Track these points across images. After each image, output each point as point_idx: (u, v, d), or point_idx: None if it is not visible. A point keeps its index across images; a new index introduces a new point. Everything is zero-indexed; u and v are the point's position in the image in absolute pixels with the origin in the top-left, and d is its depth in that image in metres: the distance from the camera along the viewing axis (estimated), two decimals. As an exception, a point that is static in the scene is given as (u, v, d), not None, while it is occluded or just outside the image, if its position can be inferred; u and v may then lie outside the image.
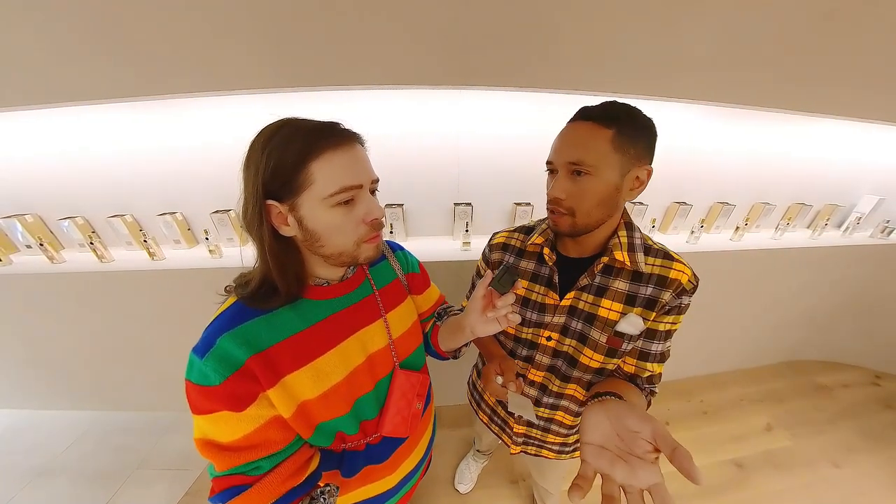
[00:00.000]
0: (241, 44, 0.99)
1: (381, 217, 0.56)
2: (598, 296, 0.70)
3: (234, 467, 0.50)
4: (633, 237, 0.69)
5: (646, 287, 0.67)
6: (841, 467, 1.62)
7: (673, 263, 0.68)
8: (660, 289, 0.66)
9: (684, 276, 0.66)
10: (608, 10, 1.02)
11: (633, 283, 0.68)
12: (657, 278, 0.67)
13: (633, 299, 0.68)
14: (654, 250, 0.70)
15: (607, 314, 0.69)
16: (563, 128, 0.66)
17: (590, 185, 0.61)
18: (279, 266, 0.53)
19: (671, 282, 0.66)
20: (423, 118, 1.38)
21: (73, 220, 1.44)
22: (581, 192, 0.62)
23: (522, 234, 0.83)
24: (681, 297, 0.66)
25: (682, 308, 0.68)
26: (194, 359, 0.49)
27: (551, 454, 0.93)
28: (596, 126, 0.60)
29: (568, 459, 0.96)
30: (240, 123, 1.30)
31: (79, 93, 1.03)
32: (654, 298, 0.67)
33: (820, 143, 1.72)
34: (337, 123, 0.52)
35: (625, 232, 0.69)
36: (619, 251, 0.67)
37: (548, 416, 0.85)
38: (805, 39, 1.14)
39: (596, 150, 0.59)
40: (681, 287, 0.66)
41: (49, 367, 1.74)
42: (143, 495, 1.51)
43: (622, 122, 0.60)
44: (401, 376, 0.69)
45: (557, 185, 0.64)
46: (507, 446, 0.96)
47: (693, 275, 0.67)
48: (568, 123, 0.65)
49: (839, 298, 2.03)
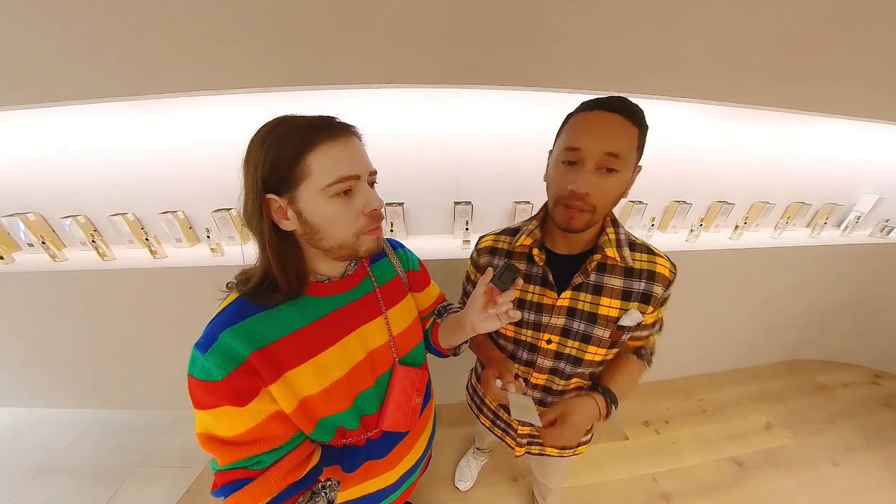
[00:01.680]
0: (241, 43, 0.99)
1: (380, 208, 0.55)
2: (596, 294, 0.71)
3: (237, 462, 0.50)
4: (619, 233, 0.71)
5: (638, 282, 0.70)
6: (840, 466, 1.62)
7: (656, 258, 0.72)
8: (651, 283, 0.70)
9: (666, 269, 0.71)
10: (608, 8, 1.02)
11: (627, 278, 0.70)
12: (647, 273, 0.70)
13: (629, 294, 0.70)
14: (638, 245, 0.73)
15: (608, 311, 0.71)
16: (588, 114, 0.60)
17: (615, 183, 0.59)
18: (280, 261, 0.54)
19: (659, 276, 0.70)
20: (424, 117, 1.38)
21: (75, 219, 1.45)
22: (607, 190, 0.59)
23: (508, 235, 0.82)
24: (668, 290, 0.72)
25: (668, 297, 0.74)
26: (196, 354, 0.50)
27: (554, 451, 0.94)
28: (627, 122, 0.58)
29: (571, 457, 0.97)
30: (241, 122, 1.29)
31: (80, 91, 1.03)
32: (647, 293, 0.70)
33: (819, 142, 1.72)
34: (333, 117, 0.52)
35: (612, 229, 0.71)
36: (609, 248, 0.69)
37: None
38: (804, 38, 1.15)
39: (627, 146, 0.58)
40: (668, 280, 0.71)
41: (50, 365, 1.75)
42: (144, 493, 1.51)
43: (643, 123, 0.60)
44: (400, 372, 0.70)
45: (586, 179, 0.58)
46: (511, 449, 0.96)
47: (672, 265, 0.72)
48: (595, 111, 0.59)
49: (839, 297, 2.03)
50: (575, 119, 0.62)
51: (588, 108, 0.61)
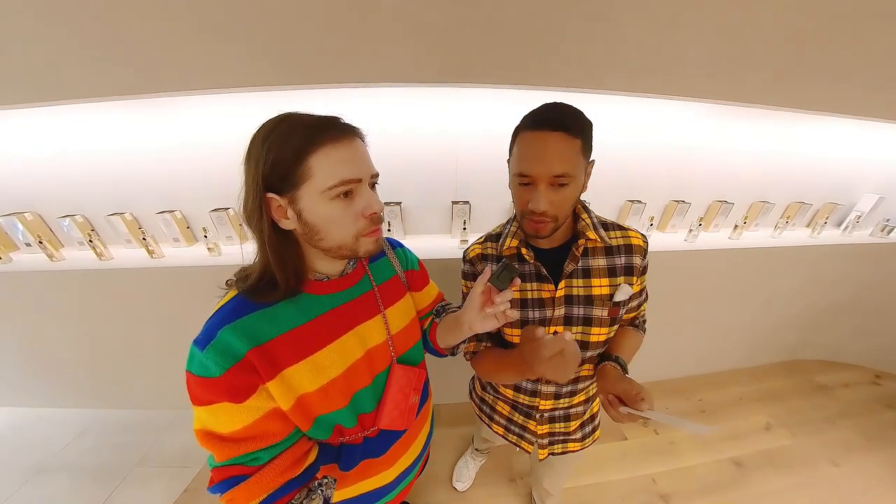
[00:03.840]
0: (238, 42, 0.99)
1: (380, 211, 0.56)
2: (586, 277, 0.75)
3: (233, 458, 0.50)
4: (592, 217, 0.76)
5: (619, 257, 0.76)
6: (840, 466, 1.62)
7: (628, 232, 0.77)
8: (630, 255, 0.76)
9: (639, 239, 0.77)
10: (608, 7, 1.02)
11: (608, 256, 0.76)
12: (624, 247, 0.76)
13: (614, 271, 0.76)
14: (609, 224, 0.78)
15: (600, 291, 0.75)
16: (530, 138, 0.62)
17: (569, 193, 0.64)
18: (279, 259, 0.54)
19: (635, 247, 0.76)
20: (422, 116, 1.38)
21: (72, 219, 1.44)
22: (562, 201, 0.65)
23: (492, 241, 0.83)
24: (645, 258, 0.77)
25: (647, 265, 0.79)
26: (195, 350, 0.50)
27: (577, 445, 0.94)
28: (569, 137, 0.61)
29: (590, 445, 0.97)
30: (238, 121, 1.30)
31: (77, 91, 1.03)
32: (629, 265, 0.76)
33: (820, 142, 1.72)
34: (337, 118, 0.52)
35: (586, 214, 0.76)
36: (590, 231, 0.74)
37: (567, 405, 0.88)
38: (805, 37, 1.15)
39: (573, 161, 0.62)
40: (643, 249, 0.77)
41: (48, 365, 1.74)
42: (142, 493, 1.51)
43: (583, 129, 0.63)
44: (398, 371, 0.70)
45: (542, 198, 0.63)
46: (528, 454, 0.94)
47: (643, 236, 0.78)
48: (536, 133, 0.61)
49: (839, 297, 2.03)
50: (521, 140, 0.65)
51: (530, 128, 0.63)
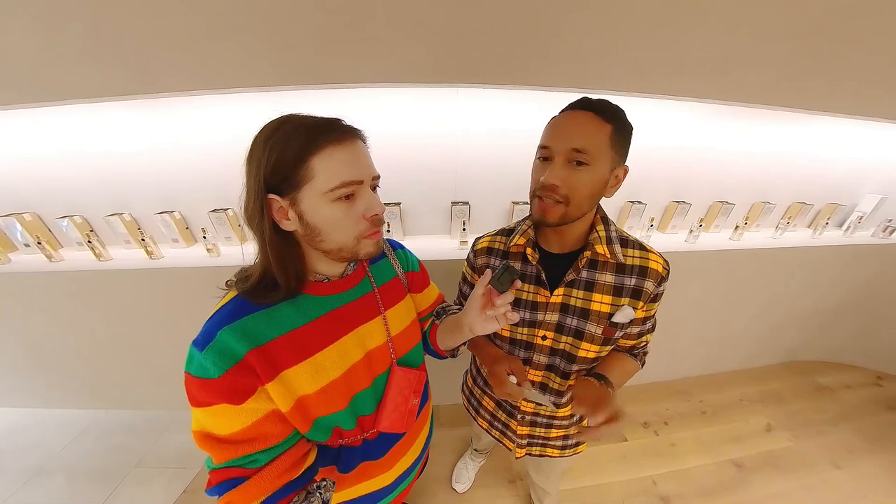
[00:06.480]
0: (237, 42, 0.99)
1: (381, 213, 0.56)
2: (588, 290, 0.72)
3: (232, 460, 0.50)
4: (609, 230, 0.73)
5: (630, 278, 0.72)
6: (842, 468, 1.61)
7: (649, 254, 0.73)
8: (642, 279, 0.71)
9: (659, 265, 0.72)
10: (608, 6, 1.02)
11: (618, 275, 0.72)
12: (639, 269, 0.72)
13: (620, 290, 0.72)
14: (630, 242, 0.74)
15: (599, 307, 0.72)
16: (561, 114, 0.65)
17: (587, 176, 0.62)
18: (279, 260, 0.53)
19: (651, 272, 0.71)
20: (421, 116, 1.38)
21: (71, 219, 1.44)
22: (578, 182, 0.62)
23: (504, 236, 0.83)
24: (660, 286, 0.73)
25: (661, 294, 0.74)
26: (194, 352, 0.49)
27: (555, 452, 0.93)
28: (598, 118, 0.61)
29: (571, 456, 0.96)
30: (237, 122, 1.30)
31: (77, 91, 1.03)
32: (638, 288, 0.71)
33: (821, 142, 1.71)
34: (339, 119, 0.52)
35: (602, 226, 0.73)
36: (599, 245, 0.70)
37: (551, 413, 0.86)
38: (807, 37, 1.14)
39: (597, 142, 0.60)
40: (660, 276, 0.72)
41: (47, 365, 1.74)
42: (141, 493, 1.50)
43: (619, 120, 0.62)
44: (398, 373, 0.69)
45: (554, 171, 0.62)
46: (510, 450, 0.95)
47: (665, 262, 0.73)
48: (567, 111, 0.65)
49: (840, 298, 2.02)
50: (551, 121, 0.67)
51: (564, 110, 0.65)
